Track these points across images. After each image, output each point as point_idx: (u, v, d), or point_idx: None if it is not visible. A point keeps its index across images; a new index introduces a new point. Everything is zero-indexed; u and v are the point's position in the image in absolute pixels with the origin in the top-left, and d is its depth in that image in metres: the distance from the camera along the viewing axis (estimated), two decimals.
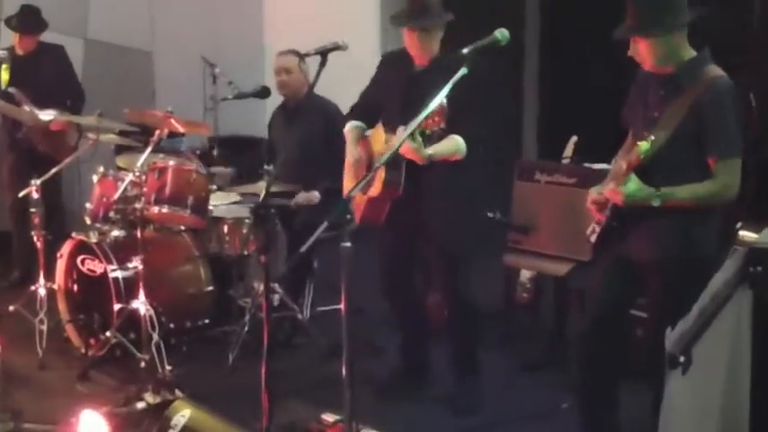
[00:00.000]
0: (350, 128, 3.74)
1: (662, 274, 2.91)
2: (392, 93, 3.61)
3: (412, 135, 3.17)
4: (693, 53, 2.88)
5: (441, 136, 3.41)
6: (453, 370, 3.82)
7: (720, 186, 2.82)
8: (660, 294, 2.95)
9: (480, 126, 3.50)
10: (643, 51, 2.84)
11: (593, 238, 3.01)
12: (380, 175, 3.49)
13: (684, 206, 2.81)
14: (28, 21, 5.09)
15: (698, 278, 2.74)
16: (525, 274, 4.31)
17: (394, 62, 3.70)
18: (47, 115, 4.89)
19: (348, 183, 3.75)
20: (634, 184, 2.76)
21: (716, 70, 2.85)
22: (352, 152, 3.70)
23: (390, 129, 3.51)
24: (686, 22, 2.83)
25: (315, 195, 4.48)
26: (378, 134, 3.67)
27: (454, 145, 3.45)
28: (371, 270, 3.74)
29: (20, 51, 5.10)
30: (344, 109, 4.60)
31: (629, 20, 2.85)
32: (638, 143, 2.71)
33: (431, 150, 3.38)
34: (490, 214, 4.19)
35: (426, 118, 3.02)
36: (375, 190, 3.53)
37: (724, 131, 2.81)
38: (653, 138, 2.70)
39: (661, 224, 2.86)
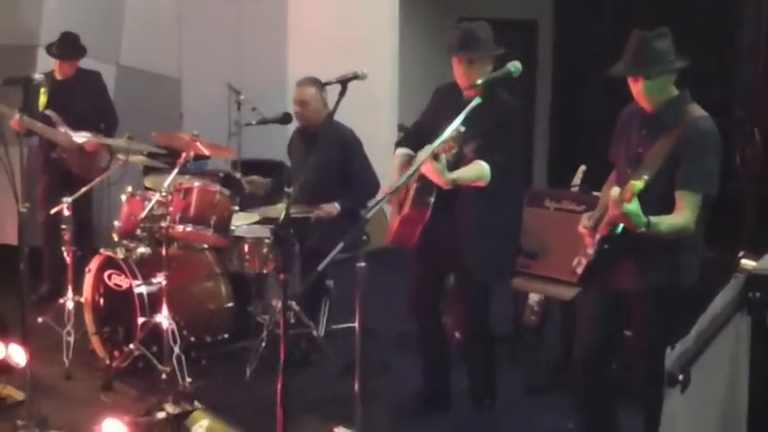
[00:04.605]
0: (397, 154, 3.83)
1: (649, 302, 3.01)
2: (439, 122, 3.65)
3: (437, 158, 3.28)
4: (676, 93, 2.98)
5: (470, 160, 3.47)
6: (470, 394, 3.88)
7: (689, 219, 2.87)
8: (646, 321, 3.05)
9: (509, 155, 3.54)
10: (638, 91, 2.97)
11: (579, 270, 3.11)
12: (411, 194, 3.57)
13: (664, 237, 2.87)
14: (67, 47, 5.25)
15: (683, 306, 2.87)
16: (533, 298, 4.40)
17: (444, 93, 3.79)
18: (81, 137, 5.03)
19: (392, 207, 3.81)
20: (635, 206, 2.77)
21: (698, 110, 2.95)
22: (395, 177, 3.78)
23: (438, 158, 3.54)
24: (676, 69, 2.94)
25: (335, 207, 4.55)
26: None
27: (478, 170, 3.48)
28: (385, 290, 3.83)
29: (59, 76, 5.26)
30: (361, 135, 4.76)
31: (627, 59, 2.97)
32: (633, 182, 2.75)
33: (454, 175, 3.43)
34: None
35: (441, 150, 3.15)
36: (406, 209, 3.60)
37: (701, 168, 2.87)
38: (646, 177, 2.76)
39: (648, 254, 2.94)
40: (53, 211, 4.39)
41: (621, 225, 2.86)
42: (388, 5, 6.96)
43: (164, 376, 3.90)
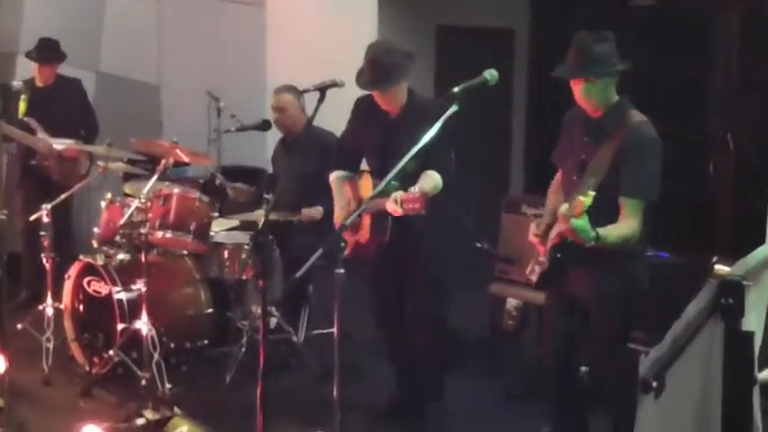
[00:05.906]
0: (333, 178, 3.85)
1: (604, 310, 3.08)
2: (369, 141, 3.73)
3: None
4: (616, 98, 3.01)
5: (417, 175, 3.46)
6: (421, 393, 3.90)
7: (635, 227, 2.89)
8: (604, 328, 3.11)
9: (450, 156, 3.59)
10: (578, 93, 3.00)
11: (533, 277, 3.17)
12: (367, 222, 3.60)
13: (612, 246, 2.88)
14: (47, 51, 5.26)
15: (634, 309, 2.98)
16: (512, 302, 4.45)
17: (367, 108, 3.76)
18: (59, 144, 5.04)
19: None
20: (584, 221, 2.76)
21: (638, 115, 2.97)
22: (338, 201, 3.82)
23: (378, 176, 3.61)
24: (618, 71, 2.96)
25: (318, 210, 4.54)
26: (366, 181, 3.78)
27: (432, 184, 3.49)
28: (363, 296, 3.86)
29: (39, 83, 5.26)
30: None
31: (570, 61, 2.99)
32: (582, 198, 2.71)
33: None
34: (478, 244, 4.34)
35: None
36: (363, 237, 3.64)
37: (643, 174, 2.88)
38: (593, 193, 2.72)
39: (599, 264, 2.96)
40: (32, 217, 4.40)
41: None
42: (367, 14, 7.00)
43: (143, 382, 3.91)
